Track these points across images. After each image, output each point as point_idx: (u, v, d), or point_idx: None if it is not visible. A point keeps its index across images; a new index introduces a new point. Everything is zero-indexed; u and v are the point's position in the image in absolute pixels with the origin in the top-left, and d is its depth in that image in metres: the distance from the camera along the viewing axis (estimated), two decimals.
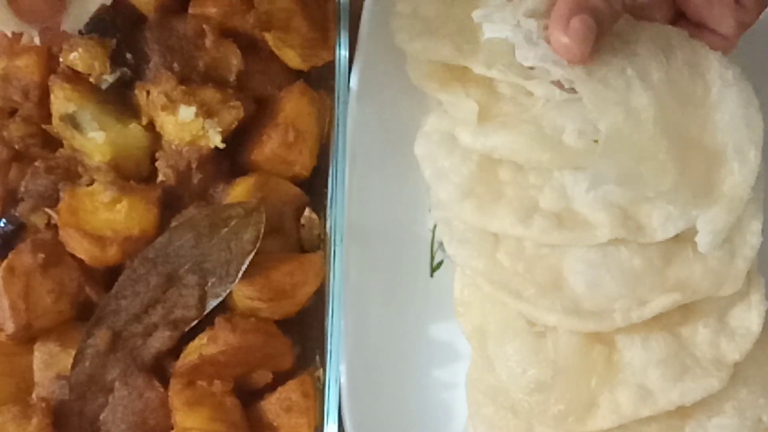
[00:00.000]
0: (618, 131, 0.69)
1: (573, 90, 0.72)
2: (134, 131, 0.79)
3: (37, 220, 0.77)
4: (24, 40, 0.78)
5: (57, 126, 0.79)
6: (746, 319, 0.74)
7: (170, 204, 0.77)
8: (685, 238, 0.75)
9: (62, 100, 0.77)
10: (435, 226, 0.84)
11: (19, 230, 0.77)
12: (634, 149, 0.69)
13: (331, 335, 0.77)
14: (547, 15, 0.70)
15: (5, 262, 0.74)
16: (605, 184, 0.73)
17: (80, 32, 0.78)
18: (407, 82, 0.84)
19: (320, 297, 0.78)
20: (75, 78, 0.78)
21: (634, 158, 0.70)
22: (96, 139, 0.78)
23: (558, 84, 0.73)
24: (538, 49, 0.70)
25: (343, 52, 0.85)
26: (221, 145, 0.78)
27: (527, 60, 0.70)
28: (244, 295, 0.75)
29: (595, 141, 0.74)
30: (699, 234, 0.72)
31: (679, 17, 0.77)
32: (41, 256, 0.74)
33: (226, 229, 0.75)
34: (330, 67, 0.84)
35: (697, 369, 0.72)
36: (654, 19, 0.76)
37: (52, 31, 0.77)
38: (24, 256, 0.74)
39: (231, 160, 0.81)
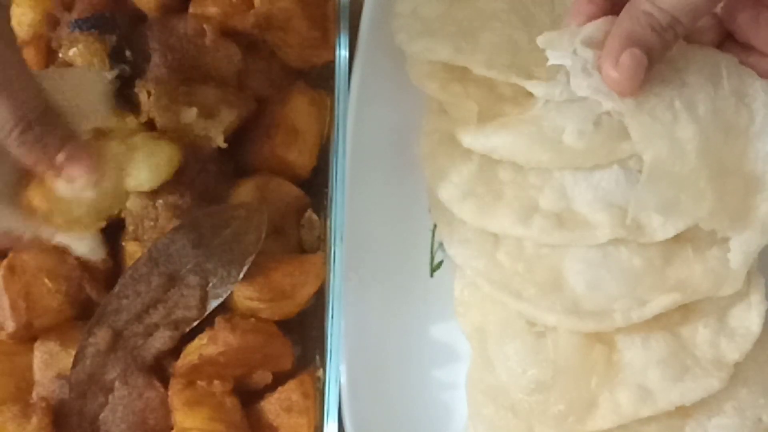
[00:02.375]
0: (661, 162, 0.70)
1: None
2: (131, 126, 0.79)
3: None
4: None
5: None
6: (746, 319, 0.74)
7: None
8: (685, 238, 0.75)
9: None
10: (435, 226, 0.84)
11: None
12: (675, 179, 0.71)
13: (331, 335, 0.76)
14: (603, 45, 0.71)
15: (6, 261, 0.74)
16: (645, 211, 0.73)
17: (80, 28, 0.78)
18: (407, 82, 0.84)
19: (320, 297, 0.78)
20: None
21: (674, 187, 0.71)
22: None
23: None
24: (591, 80, 0.71)
25: (343, 52, 0.84)
26: (223, 145, 0.78)
27: (580, 89, 0.71)
28: (244, 295, 0.75)
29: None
30: (731, 253, 0.73)
31: (727, 39, 0.77)
32: (42, 255, 0.74)
33: (228, 230, 0.75)
34: (330, 67, 0.84)
35: (697, 369, 0.72)
36: (703, 41, 0.76)
37: None
38: (24, 255, 0.74)
39: (233, 160, 0.81)
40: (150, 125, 0.79)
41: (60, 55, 0.78)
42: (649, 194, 0.71)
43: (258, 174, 0.80)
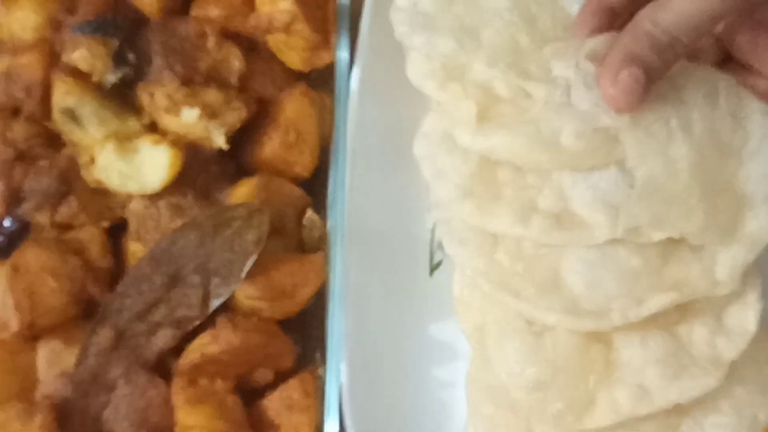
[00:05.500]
0: (654, 179, 0.71)
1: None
2: (133, 128, 0.80)
3: (42, 219, 0.77)
4: None
5: (56, 120, 0.79)
6: (743, 318, 0.74)
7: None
8: (682, 239, 0.75)
9: (63, 94, 0.78)
10: (434, 226, 0.84)
11: (23, 229, 0.77)
12: (666, 195, 0.71)
13: (331, 334, 0.77)
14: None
15: (10, 260, 0.75)
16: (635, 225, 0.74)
17: (83, 32, 0.79)
18: (407, 82, 0.83)
19: (321, 297, 0.79)
20: (77, 73, 0.79)
21: (665, 203, 0.71)
22: (94, 134, 0.78)
23: None
24: (591, 94, 0.71)
25: (343, 54, 0.85)
26: (225, 146, 0.78)
27: (581, 102, 0.71)
28: (245, 295, 0.75)
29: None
30: (718, 266, 0.73)
31: (728, 59, 0.77)
32: (45, 254, 0.74)
33: (229, 230, 0.75)
34: (330, 68, 0.85)
35: (694, 368, 0.72)
36: (703, 61, 0.77)
37: None
38: (28, 255, 0.74)
39: (234, 160, 0.81)
40: (152, 127, 0.80)
41: (63, 58, 0.79)
42: (639, 209, 0.71)
43: (259, 174, 0.80)
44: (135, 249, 0.78)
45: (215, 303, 0.75)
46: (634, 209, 0.71)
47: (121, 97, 0.80)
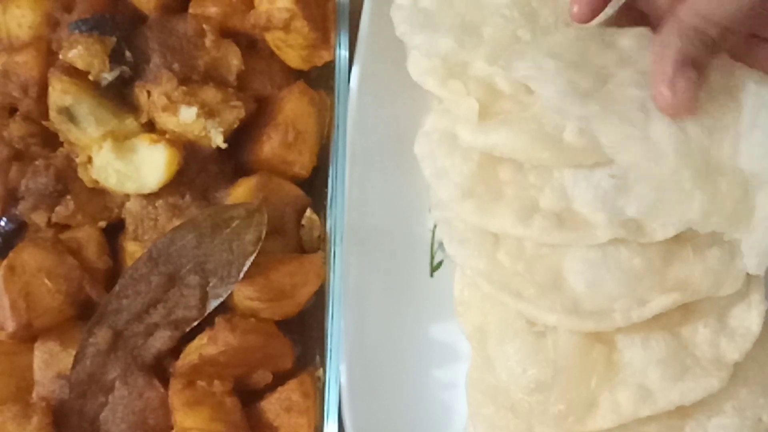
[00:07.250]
0: (636, 165, 0.69)
1: None
2: (130, 127, 0.79)
3: (38, 218, 0.77)
4: None
5: (53, 119, 0.79)
6: (746, 319, 0.74)
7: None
8: (685, 238, 0.75)
9: (60, 93, 0.78)
10: (435, 226, 0.84)
11: (20, 229, 0.77)
12: (655, 181, 0.69)
13: (331, 335, 0.77)
14: None
15: (6, 260, 0.74)
16: (626, 216, 0.72)
17: (80, 30, 0.78)
18: (407, 81, 0.83)
19: (320, 297, 0.78)
20: (74, 71, 0.79)
21: (655, 189, 0.69)
22: (91, 133, 0.78)
23: None
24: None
25: (343, 52, 0.85)
26: (223, 145, 0.78)
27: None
28: (244, 295, 0.75)
29: None
30: (745, 257, 0.72)
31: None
32: (42, 254, 0.74)
33: (228, 230, 0.75)
34: (330, 67, 0.85)
35: (697, 369, 0.72)
36: None
37: None
38: (25, 255, 0.74)
39: (233, 160, 0.81)
40: (150, 126, 0.80)
41: (60, 56, 0.78)
42: (627, 198, 0.70)
43: (258, 174, 0.80)
44: (132, 249, 0.78)
45: (213, 303, 0.74)
46: (620, 199, 0.70)
47: (119, 95, 0.80)
